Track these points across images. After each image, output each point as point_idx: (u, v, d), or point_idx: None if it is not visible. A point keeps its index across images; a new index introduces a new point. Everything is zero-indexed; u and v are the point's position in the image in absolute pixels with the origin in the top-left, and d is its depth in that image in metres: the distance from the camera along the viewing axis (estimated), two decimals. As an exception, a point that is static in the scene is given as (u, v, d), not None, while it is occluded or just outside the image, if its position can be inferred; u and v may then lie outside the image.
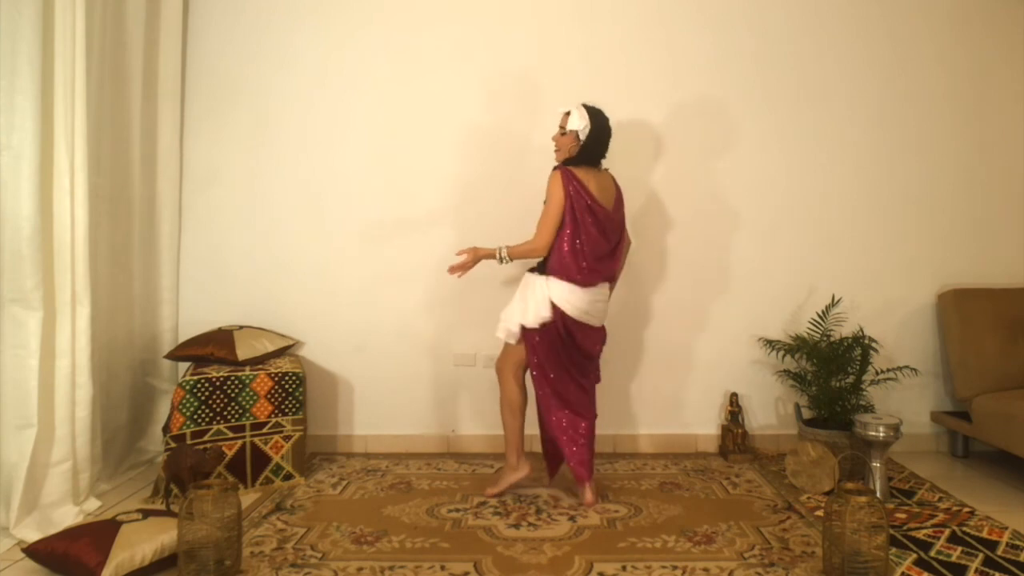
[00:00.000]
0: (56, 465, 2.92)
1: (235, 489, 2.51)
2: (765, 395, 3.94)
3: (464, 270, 3.18)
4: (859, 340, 3.57)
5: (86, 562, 2.34)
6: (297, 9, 3.89)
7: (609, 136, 3.12)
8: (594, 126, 3.06)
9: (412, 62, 3.89)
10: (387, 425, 3.93)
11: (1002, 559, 2.57)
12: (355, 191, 3.90)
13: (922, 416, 3.94)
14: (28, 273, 2.80)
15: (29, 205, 2.80)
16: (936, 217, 3.95)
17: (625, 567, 2.52)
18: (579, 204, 3.01)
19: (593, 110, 3.08)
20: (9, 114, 2.78)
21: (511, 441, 3.19)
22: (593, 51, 3.88)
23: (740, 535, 2.79)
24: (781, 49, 3.91)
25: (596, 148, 3.10)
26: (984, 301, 3.79)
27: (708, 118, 3.91)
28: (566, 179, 3.02)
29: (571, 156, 3.08)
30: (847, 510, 2.39)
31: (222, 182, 3.92)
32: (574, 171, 3.05)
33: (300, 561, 2.57)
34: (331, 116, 3.91)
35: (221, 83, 3.91)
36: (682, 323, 3.93)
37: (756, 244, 3.93)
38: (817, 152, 3.93)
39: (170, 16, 3.77)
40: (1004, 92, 3.95)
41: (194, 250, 3.94)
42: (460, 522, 2.93)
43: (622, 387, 3.92)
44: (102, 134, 3.32)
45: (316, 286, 3.91)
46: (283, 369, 3.45)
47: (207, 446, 3.21)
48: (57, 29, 2.90)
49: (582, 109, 3.06)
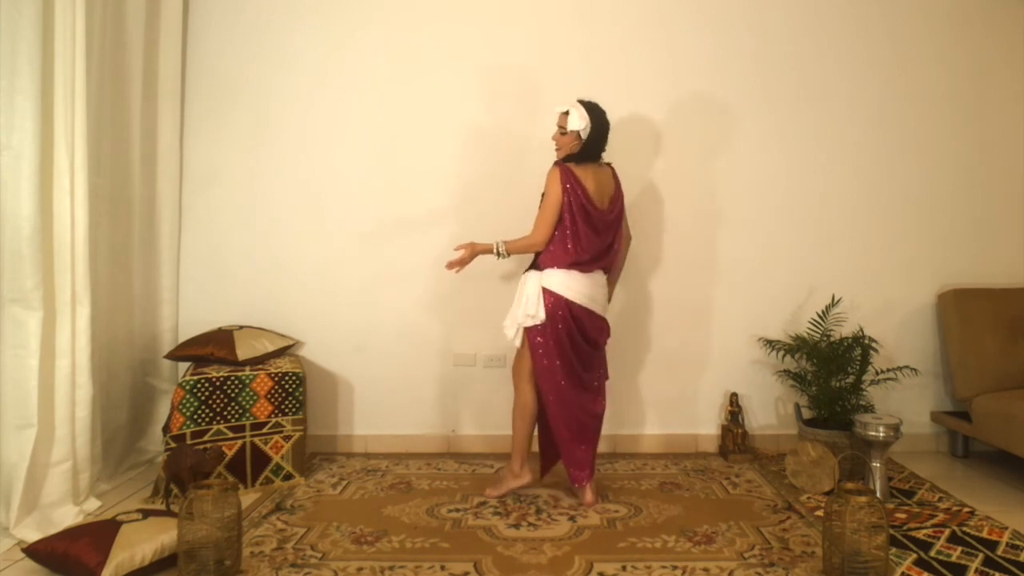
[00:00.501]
0: (56, 465, 2.92)
1: (235, 489, 2.51)
2: (765, 395, 3.94)
3: (462, 265, 3.18)
4: (859, 340, 3.57)
5: (86, 562, 2.34)
6: (297, 9, 3.89)
7: (608, 130, 3.13)
8: (594, 124, 3.07)
9: (412, 62, 3.89)
10: (387, 425, 3.93)
11: (1002, 559, 2.57)
12: (355, 191, 3.90)
13: (922, 416, 3.94)
14: (28, 273, 2.80)
15: (29, 205, 2.80)
16: (936, 217, 3.95)
17: (625, 567, 2.52)
18: (575, 202, 3.03)
19: (591, 106, 3.08)
20: (9, 114, 2.78)
21: (518, 446, 3.18)
22: (593, 50, 3.88)
23: (740, 535, 2.79)
24: (781, 49, 3.91)
25: (597, 145, 3.12)
26: (984, 301, 3.79)
27: (708, 118, 3.91)
28: (564, 176, 3.04)
29: (572, 153, 3.09)
30: (847, 510, 2.39)
31: (222, 182, 3.92)
32: (573, 168, 3.06)
33: (300, 561, 2.57)
34: (331, 116, 3.91)
35: (221, 83, 3.91)
36: (682, 323, 3.93)
37: (756, 244, 3.93)
38: (817, 152, 3.93)
39: (170, 16, 3.77)
40: (1004, 92, 3.95)
41: (194, 250, 3.94)
42: (460, 522, 2.93)
43: (622, 387, 3.91)
44: (102, 134, 3.32)
45: (316, 286, 3.91)
46: (283, 369, 3.45)
47: (207, 446, 3.21)
48: (57, 29, 2.90)
49: (581, 108, 3.06)
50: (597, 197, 3.08)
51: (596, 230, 3.08)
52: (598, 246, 3.10)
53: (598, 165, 3.14)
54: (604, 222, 3.11)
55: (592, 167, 3.11)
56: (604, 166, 3.18)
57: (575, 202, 3.02)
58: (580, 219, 3.03)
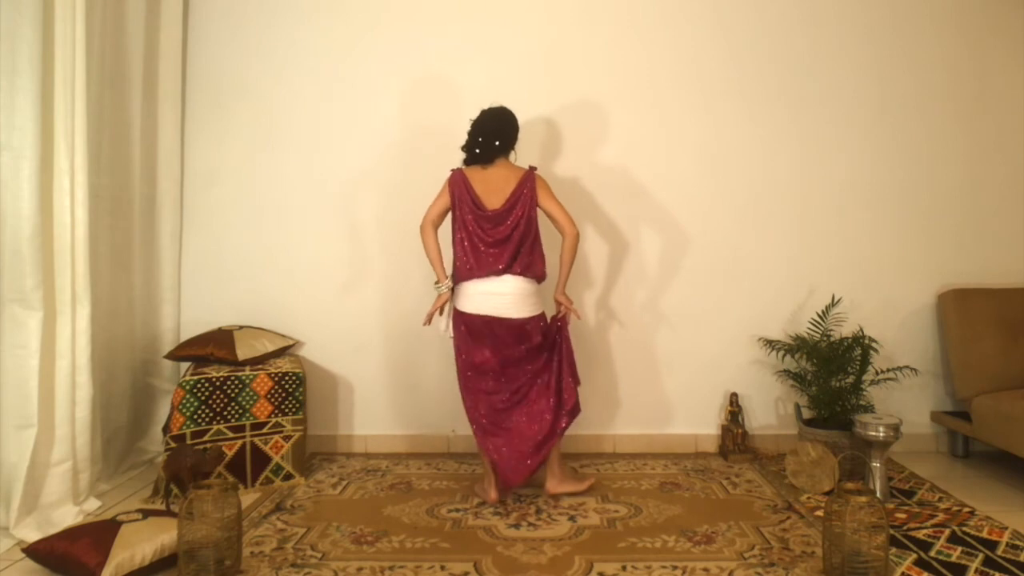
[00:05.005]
0: (56, 465, 2.93)
1: (235, 489, 2.51)
2: (765, 395, 3.94)
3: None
4: (859, 340, 3.57)
5: (86, 562, 2.34)
6: (299, 8, 3.89)
7: (488, 134, 3.14)
8: (472, 127, 3.17)
9: (414, 62, 3.89)
10: (387, 425, 3.93)
11: (1002, 559, 2.57)
12: (356, 191, 3.90)
13: (922, 416, 3.94)
14: (28, 273, 2.80)
15: (29, 205, 2.80)
16: (936, 217, 3.95)
17: (625, 567, 2.52)
18: (461, 205, 3.12)
19: (483, 112, 3.18)
20: (9, 114, 2.79)
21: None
22: (603, 49, 3.89)
23: (740, 535, 2.79)
24: (782, 49, 3.91)
25: (473, 148, 3.16)
26: (984, 301, 3.79)
27: (709, 118, 3.91)
28: (450, 182, 3.16)
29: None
30: (847, 510, 2.38)
31: (223, 182, 3.92)
32: (464, 171, 3.17)
33: (300, 561, 2.57)
34: (333, 116, 3.91)
35: (222, 83, 3.91)
36: (682, 323, 3.93)
37: (756, 244, 3.93)
38: (817, 152, 3.93)
39: (170, 16, 3.77)
40: (1005, 92, 3.95)
41: (195, 250, 3.94)
42: (460, 522, 2.93)
43: (622, 387, 3.92)
44: (102, 134, 3.32)
45: (316, 286, 3.91)
46: (283, 369, 3.45)
47: (207, 446, 3.21)
48: (57, 29, 2.91)
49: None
50: (485, 195, 3.11)
51: (482, 227, 3.10)
52: (487, 242, 3.10)
53: (488, 167, 3.16)
54: (490, 220, 3.10)
55: (479, 169, 3.16)
56: (498, 166, 3.15)
57: (463, 203, 3.12)
58: (468, 217, 3.10)
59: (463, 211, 3.12)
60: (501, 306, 3.08)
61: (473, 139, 3.17)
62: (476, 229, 3.10)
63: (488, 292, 3.09)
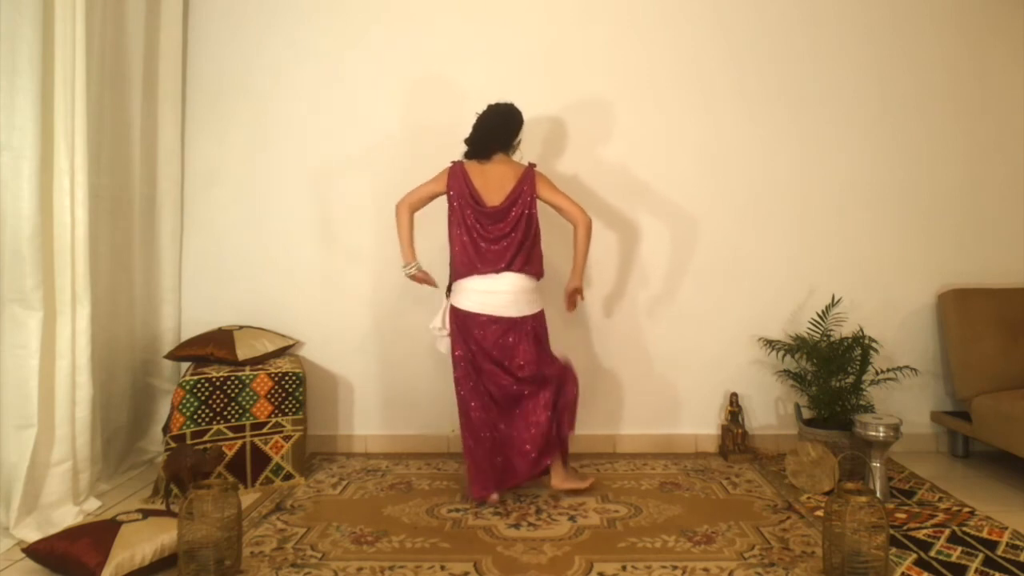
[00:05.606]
0: (56, 465, 2.92)
1: (235, 489, 2.51)
2: (765, 395, 3.94)
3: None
4: (859, 340, 3.57)
5: (86, 562, 2.34)
6: (299, 8, 3.89)
7: (490, 130, 3.16)
8: (476, 122, 3.18)
9: (415, 62, 3.89)
10: (387, 425, 3.93)
11: (1002, 559, 2.57)
12: (356, 191, 3.90)
13: (922, 416, 3.94)
14: (28, 273, 2.80)
15: (29, 205, 2.80)
16: (936, 217, 3.95)
17: (625, 567, 2.52)
18: (460, 199, 3.12)
19: (490, 107, 3.18)
20: (9, 114, 2.78)
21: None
22: (603, 49, 3.89)
23: (740, 535, 2.79)
24: (782, 49, 3.91)
25: (475, 142, 3.18)
26: (984, 301, 3.79)
27: (709, 118, 3.91)
28: (449, 174, 3.16)
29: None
30: (847, 510, 2.38)
31: (223, 182, 3.92)
32: (464, 165, 3.17)
33: (300, 561, 2.57)
34: (333, 116, 3.91)
35: (222, 83, 3.91)
36: (682, 323, 3.93)
37: (756, 244, 3.93)
38: (817, 152, 3.93)
39: (171, 16, 3.77)
40: (1005, 92, 3.95)
41: (195, 250, 3.94)
42: (460, 522, 2.93)
43: (622, 387, 3.92)
44: (102, 134, 3.32)
45: (316, 286, 3.92)
46: (283, 369, 3.45)
47: (207, 446, 3.21)
48: (57, 29, 2.90)
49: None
50: (484, 190, 3.11)
51: (481, 223, 3.10)
52: (487, 238, 3.10)
53: (487, 162, 3.16)
54: (488, 217, 3.10)
55: (478, 164, 3.16)
56: (498, 163, 3.16)
57: (461, 198, 3.12)
58: (467, 212, 3.10)
59: (463, 207, 3.11)
60: (500, 305, 3.08)
61: (474, 133, 3.17)
62: (476, 225, 3.09)
63: (487, 291, 3.08)
